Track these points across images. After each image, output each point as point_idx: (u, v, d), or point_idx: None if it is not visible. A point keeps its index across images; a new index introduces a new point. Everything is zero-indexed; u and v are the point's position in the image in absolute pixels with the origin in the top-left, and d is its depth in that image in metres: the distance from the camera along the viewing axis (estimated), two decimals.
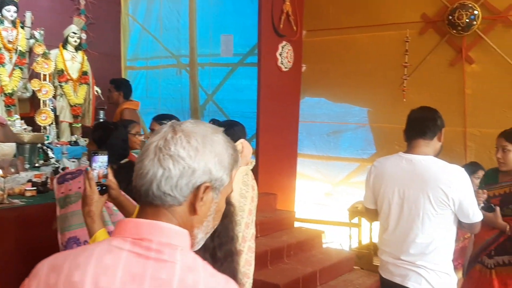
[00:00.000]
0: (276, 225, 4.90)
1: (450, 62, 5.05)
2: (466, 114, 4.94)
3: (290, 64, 5.58)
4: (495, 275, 2.85)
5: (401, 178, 2.33)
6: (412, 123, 2.41)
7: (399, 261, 2.36)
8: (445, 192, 2.21)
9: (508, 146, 2.84)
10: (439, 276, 2.30)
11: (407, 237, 2.32)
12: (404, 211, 2.32)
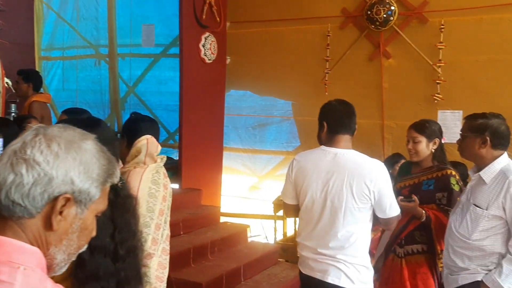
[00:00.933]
0: (201, 221, 4.80)
1: (369, 57, 5.17)
2: (383, 107, 5.09)
3: (214, 56, 5.47)
4: (405, 264, 2.92)
5: (325, 172, 2.34)
6: (337, 118, 2.42)
7: (320, 256, 2.37)
8: (367, 186, 2.26)
9: (418, 137, 2.93)
10: (357, 270, 2.34)
11: (329, 231, 2.33)
12: (327, 205, 2.33)
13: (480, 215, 2.37)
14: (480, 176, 2.43)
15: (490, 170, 2.41)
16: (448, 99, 4.79)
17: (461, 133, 2.56)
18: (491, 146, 2.41)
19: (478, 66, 4.69)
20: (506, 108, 4.39)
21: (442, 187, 2.86)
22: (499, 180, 2.36)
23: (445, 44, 4.72)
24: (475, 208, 2.40)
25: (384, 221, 2.41)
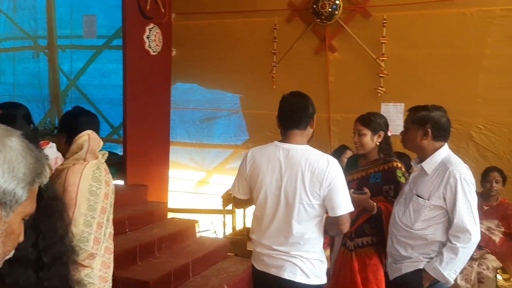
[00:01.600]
0: (147, 218, 4.67)
1: (315, 50, 5.21)
2: (330, 100, 5.15)
3: (159, 48, 5.33)
4: (355, 257, 2.96)
5: (279, 168, 2.32)
6: (286, 113, 2.39)
7: (275, 252, 2.35)
8: (320, 182, 2.25)
9: (363, 130, 2.95)
10: (313, 265, 2.34)
11: (284, 227, 2.32)
12: (281, 202, 2.31)
13: (422, 205, 2.43)
14: (422, 167, 2.50)
15: (432, 161, 2.47)
16: (391, 92, 4.92)
17: (404, 125, 2.62)
18: (432, 138, 2.48)
19: (420, 60, 4.84)
20: (447, 101, 4.54)
21: (388, 180, 2.90)
22: (440, 171, 2.43)
23: (387, 39, 4.84)
24: (418, 199, 2.46)
25: (336, 221, 2.30)
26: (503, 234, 4.05)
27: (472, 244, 2.36)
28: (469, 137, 4.74)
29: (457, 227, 2.33)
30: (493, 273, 3.80)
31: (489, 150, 4.69)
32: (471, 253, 2.38)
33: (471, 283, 3.73)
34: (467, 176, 2.39)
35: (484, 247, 3.94)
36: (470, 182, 2.39)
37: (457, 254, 2.33)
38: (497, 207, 4.12)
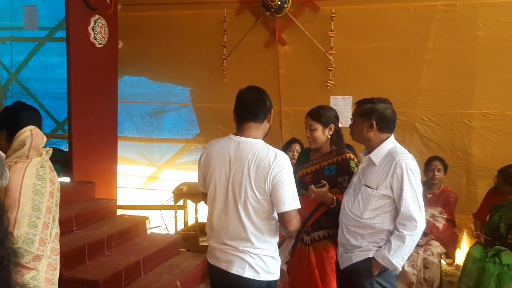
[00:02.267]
0: (95, 215, 4.54)
1: (266, 43, 5.22)
2: (281, 93, 5.18)
3: (104, 40, 5.15)
4: (312, 251, 2.99)
5: (228, 161, 2.29)
6: (242, 105, 2.35)
7: (225, 247, 2.32)
8: (265, 176, 2.21)
9: (314, 124, 2.97)
10: (263, 261, 2.30)
11: (232, 221, 2.29)
12: (229, 195, 2.28)
13: (370, 195, 2.49)
14: (370, 158, 2.55)
15: (379, 152, 2.53)
16: (339, 85, 5.01)
17: (351, 117, 2.67)
18: (378, 130, 2.54)
19: (367, 53, 4.95)
20: (392, 93, 4.66)
21: (343, 171, 2.92)
22: (387, 162, 2.49)
23: (336, 32, 4.92)
24: (366, 189, 2.52)
25: (281, 218, 2.28)
26: (446, 221, 4.24)
27: (418, 232, 2.43)
28: (413, 128, 4.91)
29: (403, 215, 2.40)
30: (438, 258, 3.97)
31: (432, 140, 4.88)
32: (417, 240, 2.46)
33: (417, 268, 3.87)
34: (413, 166, 2.46)
35: (429, 234, 4.10)
36: (416, 172, 2.46)
37: (404, 241, 2.40)
38: (440, 195, 4.30)
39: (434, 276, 3.90)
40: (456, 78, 4.76)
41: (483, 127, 4.74)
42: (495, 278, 3.58)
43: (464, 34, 4.68)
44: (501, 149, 4.63)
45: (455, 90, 4.78)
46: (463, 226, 4.83)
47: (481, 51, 4.66)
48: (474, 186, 4.76)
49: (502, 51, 4.59)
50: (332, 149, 3.02)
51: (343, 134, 3.11)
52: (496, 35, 4.59)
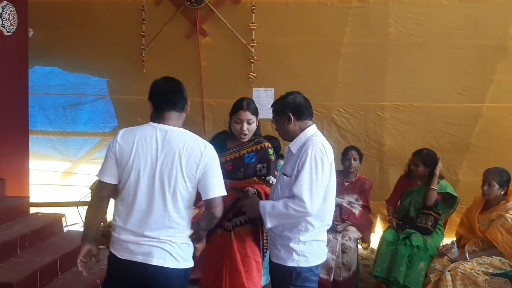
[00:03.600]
0: (6, 215, 4.22)
1: (186, 34, 5.15)
2: (203, 85, 5.15)
3: (13, 27, 4.77)
4: (234, 236, 3.02)
5: (155, 148, 2.26)
6: (161, 94, 2.36)
7: (143, 239, 2.26)
8: (197, 164, 2.25)
9: (253, 118, 3.00)
10: (181, 248, 2.32)
11: (156, 210, 2.26)
12: (156, 184, 2.25)
13: (287, 183, 2.56)
14: (289, 148, 2.63)
15: (297, 141, 2.61)
16: (261, 78, 5.08)
17: (272, 120, 2.73)
18: (296, 119, 2.61)
19: (287, 47, 5.06)
20: (311, 86, 4.88)
21: (262, 159, 3.02)
22: (301, 150, 2.54)
23: (257, 25, 4.96)
24: (283, 177, 2.60)
25: (208, 204, 2.33)
26: (362, 207, 4.46)
27: (302, 213, 2.44)
28: (331, 120, 5.11)
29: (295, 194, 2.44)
30: (354, 243, 4.17)
31: (348, 131, 5.11)
32: (295, 220, 2.52)
33: (336, 254, 4.04)
34: (320, 155, 2.48)
35: (347, 220, 4.30)
36: (323, 161, 2.48)
37: (286, 210, 2.45)
38: (356, 183, 4.52)
39: (351, 260, 4.09)
40: (370, 72, 5.01)
41: (394, 118, 5.04)
42: (406, 259, 3.83)
43: (377, 30, 4.93)
44: (409, 138, 4.97)
45: (368, 83, 5.03)
46: (377, 212, 5.14)
47: (392, 46, 4.94)
48: (386, 174, 5.06)
49: (410, 46, 4.90)
50: (251, 138, 3.09)
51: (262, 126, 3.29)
52: (405, 32, 4.88)
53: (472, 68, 4.85)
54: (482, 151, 4.88)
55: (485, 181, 3.74)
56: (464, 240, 3.91)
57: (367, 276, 4.44)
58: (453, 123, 4.93)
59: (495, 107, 4.84)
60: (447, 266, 3.63)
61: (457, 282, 3.52)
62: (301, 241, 2.56)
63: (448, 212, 4.22)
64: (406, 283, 3.75)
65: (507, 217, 3.60)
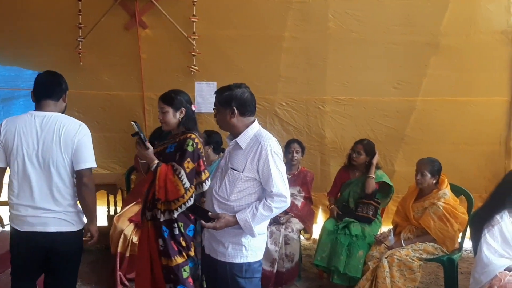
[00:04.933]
0: None
1: (125, 26, 5.00)
2: (143, 78, 5.03)
3: None
4: (152, 225, 3.10)
5: (35, 133, 2.67)
6: (41, 85, 2.79)
7: (39, 211, 2.68)
8: (72, 140, 2.68)
9: (165, 107, 3.11)
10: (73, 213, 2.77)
11: (44, 185, 2.68)
12: (40, 162, 2.67)
13: (237, 177, 2.57)
14: (236, 142, 2.63)
15: (245, 136, 2.62)
16: (203, 71, 5.04)
17: (214, 107, 2.72)
18: (239, 115, 2.62)
19: (229, 40, 5.04)
20: (254, 79, 4.89)
21: (179, 148, 3.07)
22: (253, 145, 2.58)
23: (198, 17, 4.91)
24: (233, 171, 2.58)
25: (79, 175, 2.73)
26: (304, 199, 4.56)
27: (284, 207, 2.57)
28: (274, 113, 5.16)
29: (275, 194, 2.50)
30: (297, 234, 4.25)
31: (291, 124, 5.19)
32: (278, 213, 2.63)
33: (279, 245, 4.10)
34: (276, 149, 2.58)
35: (289, 212, 4.37)
36: (279, 154, 2.60)
37: (270, 212, 2.53)
38: (298, 175, 4.60)
39: (294, 251, 4.17)
40: (311, 66, 5.10)
41: (334, 111, 5.16)
42: (346, 248, 3.95)
43: (317, 25, 5.01)
44: (349, 131, 5.11)
45: (309, 77, 5.12)
46: (319, 203, 5.25)
47: (331, 41, 5.04)
48: (327, 166, 5.18)
49: (349, 41, 5.03)
50: (180, 131, 3.15)
51: (196, 118, 3.26)
52: (344, 27, 5.00)
53: (407, 63, 5.05)
54: (416, 142, 5.12)
55: (418, 171, 3.92)
56: (400, 228, 4.09)
57: (309, 266, 4.55)
58: (389, 116, 5.13)
59: (428, 100, 5.08)
60: (384, 253, 3.78)
61: (393, 268, 3.68)
62: None
63: (384, 201, 4.40)
64: (346, 271, 3.87)
65: (439, 204, 3.79)
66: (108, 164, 5.07)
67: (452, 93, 5.06)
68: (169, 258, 3.05)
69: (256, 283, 2.64)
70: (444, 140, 5.10)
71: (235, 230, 2.56)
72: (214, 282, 2.74)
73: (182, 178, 2.97)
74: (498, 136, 5.13)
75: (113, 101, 5.08)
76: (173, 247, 3.06)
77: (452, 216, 3.77)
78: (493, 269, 3.06)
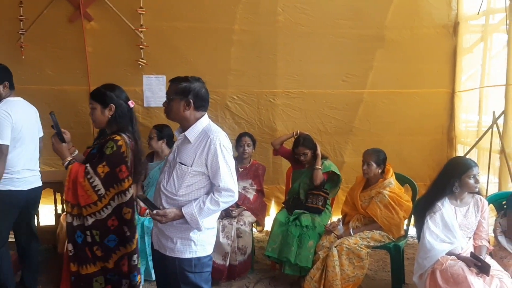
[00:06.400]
0: None
1: (69, 18, 4.84)
2: (89, 72, 4.89)
3: None
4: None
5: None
6: None
7: (33, 171, 3.58)
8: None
9: (93, 104, 2.86)
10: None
11: (36, 152, 3.51)
12: None
13: (185, 172, 2.54)
14: (185, 136, 2.59)
15: (194, 130, 2.59)
16: (152, 64, 4.96)
17: (167, 96, 2.66)
18: (194, 108, 2.59)
19: (179, 33, 4.98)
20: (205, 73, 4.81)
21: (100, 150, 2.83)
22: (201, 139, 2.55)
23: (145, 10, 4.82)
24: (181, 166, 2.55)
25: None
26: (256, 191, 4.58)
27: (232, 201, 2.58)
28: (225, 107, 5.15)
29: (222, 188, 2.50)
30: (249, 227, 4.27)
31: (242, 117, 5.19)
32: (226, 207, 2.61)
33: (231, 239, 4.11)
34: (225, 143, 2.56)
35: (241, 205, 4.39)
36: (228, 148, 2.58)
37: (218, 207, 2.52)
38: (250, 168, 4.62)
39: (246, 244, 4.19)
40: (261, 59, 5.12)
41: (285, 104, 5.22)
42: (297, 239, 4.01)
43: (266, 18, 5.04)
44: (300, 123, 5.18)
45: (260, 71, 5.15)
46: (271, 195, 5.31)
47: (281, 35, 5.09)
48: (279, 158, 5.22)
49: (298, 35, 5.09)
50: (111, 130, 2.91)
51: (134, 116, 2.98)
52: (293, 20, 5.06)
53: (354, 56, 5.17)
54: (363, 133, 5.26)
55: (364, 161, 4.02)
56: (348, 217, 4.19)
57: (262, 258, 4.58)
58: (338, 108, 5.24)
59: (375, 92, 5.22)
60: (334, 243, 3.87)
61: (342, 256, 3.77)
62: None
63: (334, 191, 4.49)
64: (297, 261, 3.93)
65: (385, 193, 3.91)
66: (54, 162, 4.90)
67: (397, 86, 5.22)
68: (80, 265, 2.83)
69: (206, 277, 2.64)
70: (390, 131, 5.26)
71: (183, 225, 2.54)
72: (164, 277, 2.72)
73: (94, 184, 2.72)
74: (441, 126, 5.35)
75: (58, 96, 4.91)
76: (87, 254, 2.82)
77: (397, 204, 3.90)
78: (435, 254, 3.21)
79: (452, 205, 3.32)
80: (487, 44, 4.97)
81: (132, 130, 2.93)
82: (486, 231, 3.39)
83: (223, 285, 4.11)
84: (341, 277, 3.73)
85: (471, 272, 3.04)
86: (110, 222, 2.79)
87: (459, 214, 3.32)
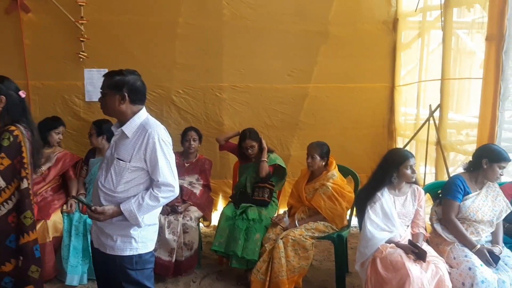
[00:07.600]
0: None
1: (5, 10, 4.61)
2: (27, 66, 4.69)
3: None
4: None
5: None
6: None
7: None
8: None
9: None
10: None
11: None
12: None
13: (123, 168, 2.49)
14: (122, 131, 2.54)
15: (131, 124, 2.54)
16: (93, 58, 4.81)
17: (101, 90, 2.60)
18: (130, 102, 2.54)
19: (121, 25, 4.85)
20: (149, 66, 4.78)
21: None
22: (139, 134, 2.51)
23: (86, 1, 4.67)
24: (119, 162, 2.50)
25: None
26: (202, 186, 4.56)
27: (172, 196, 2.55)
28: (170, 101, 5.09)
29: (161, 183, 2.48)
30: (196, 222, 4.25)
31: (188, 112, 5.15)
32: (166, 203, 2.59)
33: (177, 235, 4.07)
34: (165, 137, 2.54)
35: (187, 200, 4.36)
36: (168, 142, 2.55)
37: (157, 202, 2.49)
38: (196, 163, 4.60)
39: (193, 240, 4.16)
40: (207, 53, 5.08)
41: (232, 98, 5.22)
42: (244, 233, 4.03)
43: (211, 11, 5.00)
44: (246, 118, 5.19)
45: (206, 65, 5.11)
46: (218, 190, 5.30)
47: (227, 29, 5.07)
48: (226, 153, 5.21)
49: (244, 29, 5.09)
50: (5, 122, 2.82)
51: (27, 107, 2.94)
52: (238, 14, 5.05)
53: (300, 51, 5.23)
54: (308, 127, 5.35)
55: (308, 154, 4.10)
56: (294, 209, 4.26)
57: (210, 253, 4.57)
58: (284, 103, 5.29)
59: (319, 87, 5.31)
60: (280, 235, 3.92)
61: (288, 248, 3.82)
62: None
63: (280, 184, 4.55)
64: (244, 255, 3.95)
65: (328, 185, 4.01)
66: None
67: (340, 80, 5.34)
68: None
69: (148, 274, 2.61)
70: (334, 124, 5.38)
71: (123, 222, 2.49)
72: (105, 276, 2.66)
73: None
74: (382, 119, 5.53)
75: None
76: None
77: (340, 196, 4.00)
78: (375, 242, 3.33)
79: (391, 195, 3.45)
80: (425, 40, 5.19)
81: (26, 120, 2.86)
82: (423, 219, 3.55)
83: (169, 281, 4.07)
84: (287, 268, 3.78)
85: (409, 259, 3.17)
86: (10, 219, 2.71)
87: (397, 203, 3.45)
